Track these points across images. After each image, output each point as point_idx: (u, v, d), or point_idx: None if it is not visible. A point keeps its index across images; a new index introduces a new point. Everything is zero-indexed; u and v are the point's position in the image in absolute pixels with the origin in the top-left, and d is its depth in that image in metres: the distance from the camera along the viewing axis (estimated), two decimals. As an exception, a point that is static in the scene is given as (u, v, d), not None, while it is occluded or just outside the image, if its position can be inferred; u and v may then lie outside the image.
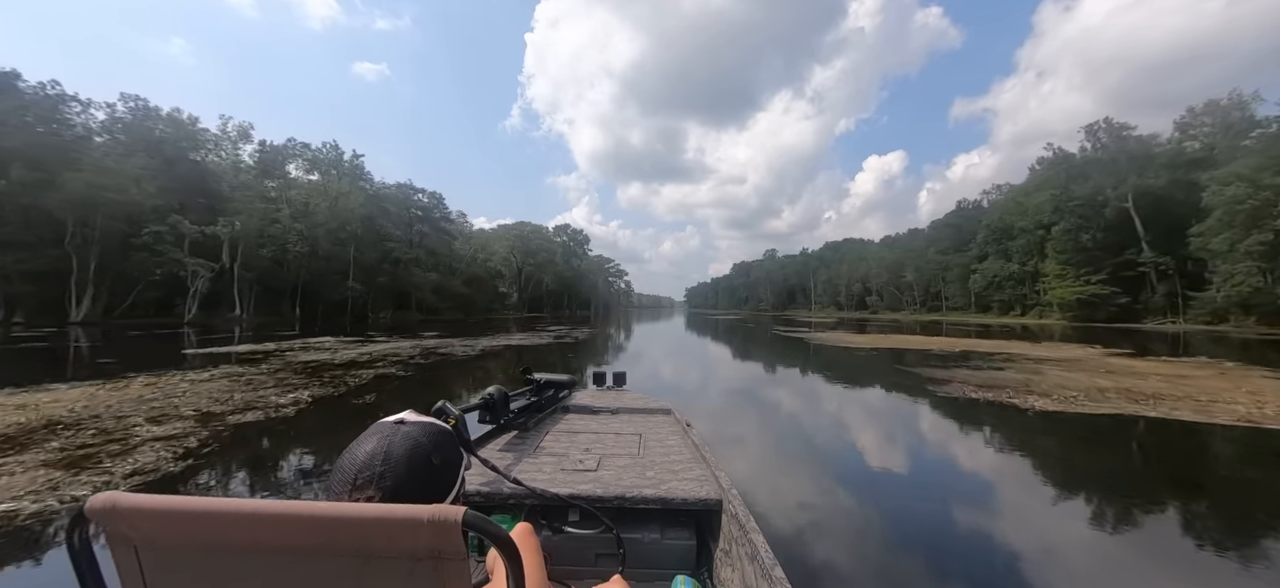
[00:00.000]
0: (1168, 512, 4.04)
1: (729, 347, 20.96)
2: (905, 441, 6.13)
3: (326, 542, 0.56)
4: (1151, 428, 6.44)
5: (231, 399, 7.20)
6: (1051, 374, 10.98)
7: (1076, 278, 49.07)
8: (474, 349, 15.97)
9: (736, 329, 34.80)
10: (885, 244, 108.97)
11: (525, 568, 0.60)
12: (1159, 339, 24.03)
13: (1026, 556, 3.20)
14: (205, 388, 8.09)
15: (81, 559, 0.60)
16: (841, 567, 3.05)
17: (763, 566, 1.44)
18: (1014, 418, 7.01)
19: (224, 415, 6.21)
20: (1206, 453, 5.61)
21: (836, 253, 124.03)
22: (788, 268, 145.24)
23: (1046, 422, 6.79)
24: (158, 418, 6.00)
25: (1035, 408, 7.51)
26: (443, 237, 63.67)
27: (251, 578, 0.58)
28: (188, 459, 4.58)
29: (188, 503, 0.57)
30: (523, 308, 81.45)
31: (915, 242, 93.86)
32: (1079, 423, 6.67)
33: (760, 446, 5.90)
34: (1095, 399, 8.06)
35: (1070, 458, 5.55)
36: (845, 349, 17.91)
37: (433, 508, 0.56)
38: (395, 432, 0.75)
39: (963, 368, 12.17)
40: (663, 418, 3.18)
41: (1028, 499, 4.26)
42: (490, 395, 2.56)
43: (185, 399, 7.14)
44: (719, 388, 10.27)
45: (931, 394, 8.74)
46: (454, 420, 1.61)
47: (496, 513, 1.90)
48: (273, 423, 6.03)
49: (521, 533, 1.12)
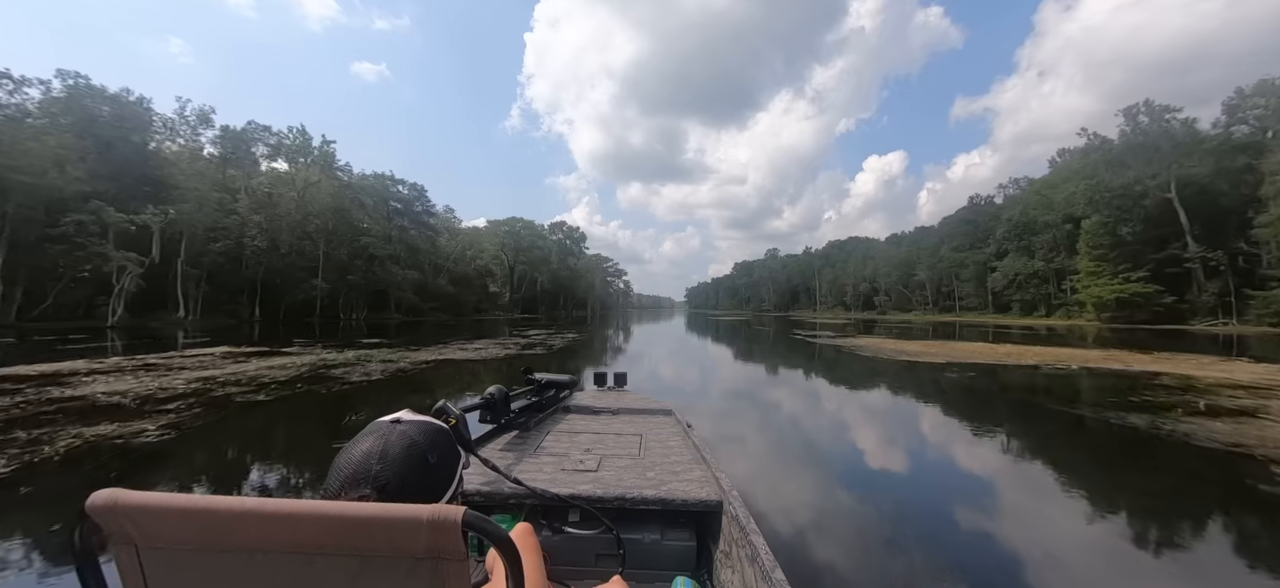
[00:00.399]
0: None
1: (746, 359, 16.66)
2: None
3: (327, 541, 0.55)
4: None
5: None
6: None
7: (1113, 275, 44.79)
8: (395, 367, 11.72)
9: (745, 333, 30.73)
10: (892, 242, 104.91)
11: (525, 568, 0.60)
12: (1214, 342, 19.76)
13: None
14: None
15: (82, 558, 0.59)
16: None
17: (763, 567, 1.42)
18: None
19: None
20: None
21: (842, 252, 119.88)
22: (790, 267, 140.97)
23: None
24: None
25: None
26: (425, 231, 59.40)
27: (252, 577, 0.57)
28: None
29: (189, 502, 0.56)
30: (515, 309, 77.20)
31: (925, 239, 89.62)
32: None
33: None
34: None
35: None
36: (906, 363, 13.52)
37: (433, 508, 0.55)
38: (391, 431, 0.75)
39: (1142, 407, 7.88)
40: (663, 419, 3.17)
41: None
42: (491, 395, 2.53)
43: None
44: (770, 436, 6.02)
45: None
46: (454, 420, 1.54)
47: (497, 513, 1.89)
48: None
49: (521, 533, 1.13)
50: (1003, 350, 16.69)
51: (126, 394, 7.38)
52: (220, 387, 8.20)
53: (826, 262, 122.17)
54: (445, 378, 10.32)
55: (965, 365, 12.70)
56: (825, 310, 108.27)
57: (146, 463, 4.51)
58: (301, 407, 7.15)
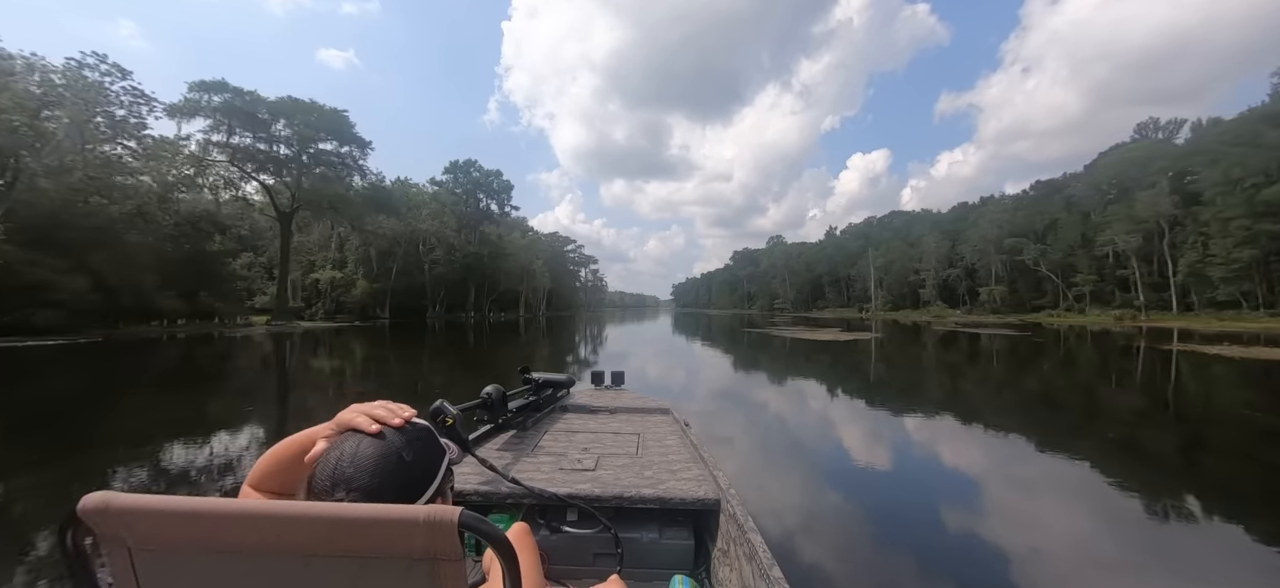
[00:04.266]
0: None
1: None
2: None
3: (322, 543, 0.54)
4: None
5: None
6: None
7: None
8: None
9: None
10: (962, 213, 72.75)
11: (522, 568, 0.59)
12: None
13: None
14: None
15: (74, 562, 0.57)
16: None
17: (760, 566, 1.42)
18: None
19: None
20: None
21: (900, 228, 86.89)
22: (812, 255, 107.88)
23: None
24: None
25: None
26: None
27: (248, 580, 0.56)
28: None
29: (182, 503, 0.55)
30: (329, 308, 43.39)
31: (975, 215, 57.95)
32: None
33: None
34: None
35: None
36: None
37: (429, 508, 0.54)
38: (361, 438, 0.73)
39: None
40: (661, 418, 3.10)
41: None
42: (488, 395, 2.51)
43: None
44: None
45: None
46: (450, 420, 1.60)
47: (494, 513, 1.90)
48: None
49: (518, 533, 1.12)
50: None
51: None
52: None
53: (868, 242, 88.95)
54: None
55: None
56: (887, 309, 75.07)
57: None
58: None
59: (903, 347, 20.57)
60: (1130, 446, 5.90)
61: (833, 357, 16.17)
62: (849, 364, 14.44)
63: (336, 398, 8.50)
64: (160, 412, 7.36)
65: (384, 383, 10.75)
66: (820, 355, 16.56)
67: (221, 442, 5.52)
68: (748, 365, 14.29)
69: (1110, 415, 7.64)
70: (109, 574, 0.56)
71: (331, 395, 9.02)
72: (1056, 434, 6.34)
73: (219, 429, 6.15)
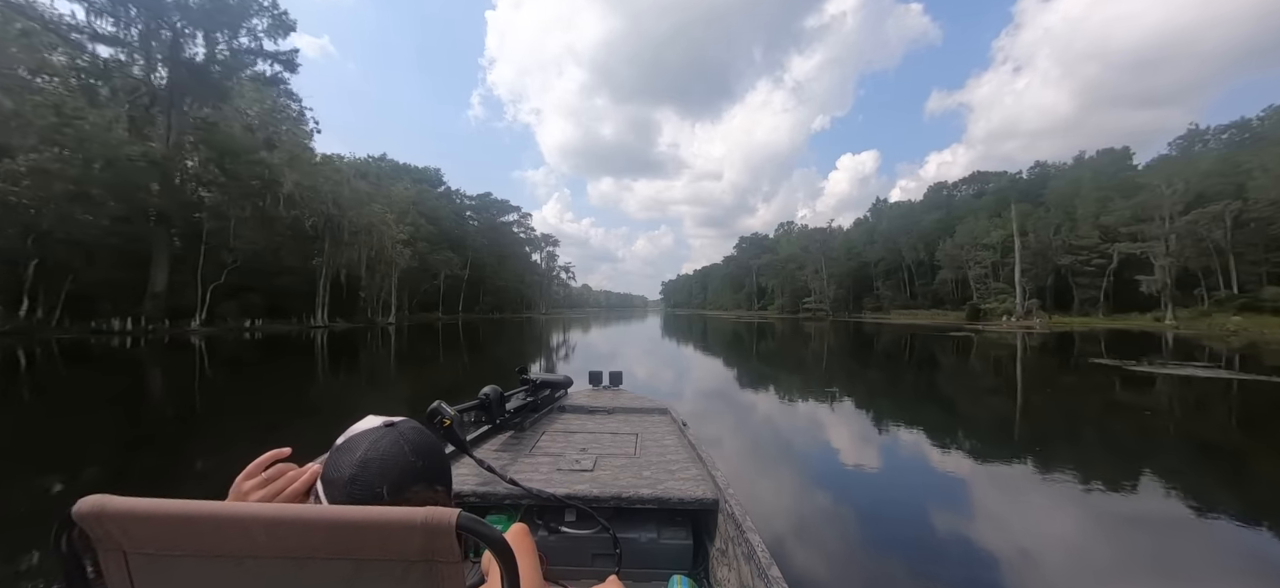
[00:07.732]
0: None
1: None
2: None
3: (319, 546, 0.54)
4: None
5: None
6: None
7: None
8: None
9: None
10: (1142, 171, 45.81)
11: (521, 569, 0.59)
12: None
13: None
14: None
15: (69, 566, 0.57)
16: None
17: (759, 565, 1.42)
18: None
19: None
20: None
21: (960, 206, 60.95)
22: (857, 237, 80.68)
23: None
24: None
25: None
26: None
27: (244, 583, 0.56)
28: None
29: (178, 507, 0.54)
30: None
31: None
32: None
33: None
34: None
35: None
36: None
37: (427, 510, 0.54)
38: (380, 435, 0.74)
39: None
40: (659, 418, 3.13)
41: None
42: (486, 395, 2.51)
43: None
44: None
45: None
46: (449, 421, 1.59)
47: (492, 514, 1.91)
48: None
49: (517, 534, 1.11)
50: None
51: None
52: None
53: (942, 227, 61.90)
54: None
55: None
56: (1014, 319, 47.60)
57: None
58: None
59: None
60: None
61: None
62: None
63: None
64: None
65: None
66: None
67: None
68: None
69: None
70: (105, 580, 0.55)
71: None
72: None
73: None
